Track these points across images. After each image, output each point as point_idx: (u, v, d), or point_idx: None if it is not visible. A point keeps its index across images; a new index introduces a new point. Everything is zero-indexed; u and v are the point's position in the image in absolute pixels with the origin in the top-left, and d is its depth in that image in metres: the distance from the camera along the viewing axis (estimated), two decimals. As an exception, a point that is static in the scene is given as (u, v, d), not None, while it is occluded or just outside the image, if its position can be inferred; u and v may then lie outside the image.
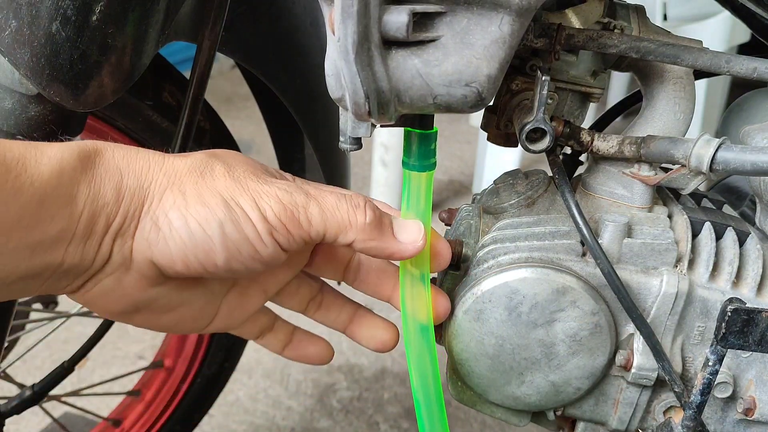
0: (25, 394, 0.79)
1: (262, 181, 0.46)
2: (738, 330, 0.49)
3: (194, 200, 0.44)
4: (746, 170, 0.49)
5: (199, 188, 0.44)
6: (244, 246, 0.44)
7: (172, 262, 0.44)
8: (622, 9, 0.62)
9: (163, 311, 0.48)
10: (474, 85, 0.43)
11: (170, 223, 0.43)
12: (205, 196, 0.44)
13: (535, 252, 0.56)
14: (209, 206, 0.43)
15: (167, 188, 0.44)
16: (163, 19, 0.57)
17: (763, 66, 0.53)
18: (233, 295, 0.52)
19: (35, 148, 0.41)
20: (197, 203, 0.43)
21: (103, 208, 0.42)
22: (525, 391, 0.59)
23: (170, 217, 0.43)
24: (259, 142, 2.63)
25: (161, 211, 0.43)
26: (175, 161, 0.46)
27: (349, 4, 0.39)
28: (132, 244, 0.44)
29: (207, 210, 0.43)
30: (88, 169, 0.42)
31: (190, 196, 0.44)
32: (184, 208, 0.43)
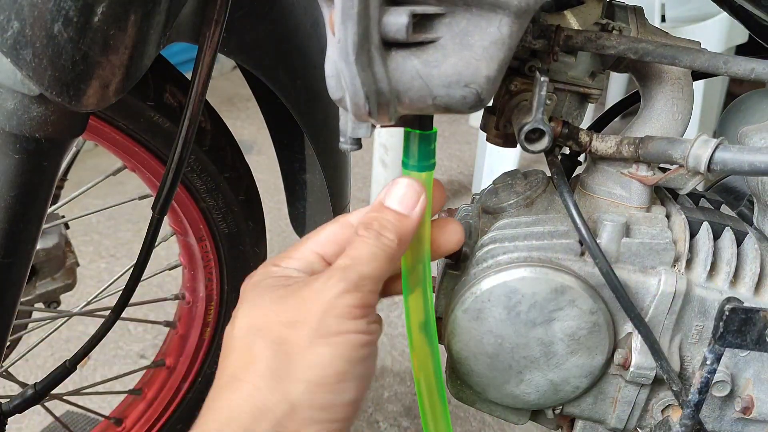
0: (27, 392, 0.80)
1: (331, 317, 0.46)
2: (736, 329, 0.49)
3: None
4: (744, 170, 0.49)
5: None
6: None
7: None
8: (621, 10, 0.63)
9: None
10: (473, 86, 0.43)
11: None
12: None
13: (533, 251, 0.57)
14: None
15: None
16: (165, 21, 0.57)
17: (760, 67, 0.53)
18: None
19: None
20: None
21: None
22: (524, 389, 0.59)
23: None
24: (259, 142, 2.63)
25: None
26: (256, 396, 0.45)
27: (349, 6, 0.39)
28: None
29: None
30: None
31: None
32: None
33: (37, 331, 1.04)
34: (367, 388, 0.47)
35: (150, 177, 0.85)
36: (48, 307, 1.05)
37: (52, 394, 0.89)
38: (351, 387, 0.45)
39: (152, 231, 0.66)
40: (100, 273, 1.86)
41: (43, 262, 1.02)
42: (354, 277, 0.46)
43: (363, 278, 0.46)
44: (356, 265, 0.47)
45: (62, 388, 0.89)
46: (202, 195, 0.85)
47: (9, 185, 0.58)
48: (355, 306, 0.45)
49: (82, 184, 0.94)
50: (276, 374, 0.44)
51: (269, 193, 2.11)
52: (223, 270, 0.94)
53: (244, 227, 0.91)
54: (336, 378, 0.44)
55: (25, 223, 0.61)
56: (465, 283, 0.58)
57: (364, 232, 0.48)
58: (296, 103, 0.77)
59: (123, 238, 2.02)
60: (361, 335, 0.45)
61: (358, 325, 0.45)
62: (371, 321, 0.47)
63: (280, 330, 0.46)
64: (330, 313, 0.45)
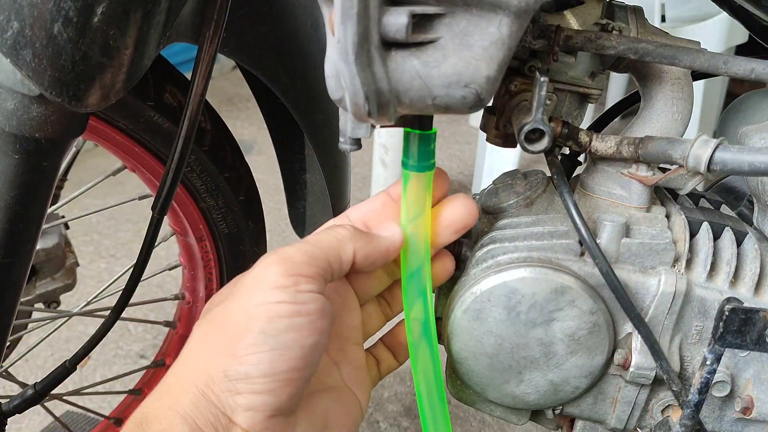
0: (27, 393, 0.80)
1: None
2: (736, 329, 0.49)
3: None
4: (744, 170, 0.49)
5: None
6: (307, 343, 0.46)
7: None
8: (621, 10, 0.63)
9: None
10: (473, 86, 0.43)
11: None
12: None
13: (533, 252, 0.57)
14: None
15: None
16: (165, 21, 0.57)
17: (760, 67, 0.53)
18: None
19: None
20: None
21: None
22: (524, 389, 0.59)
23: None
24: (259, 142, 2.63)
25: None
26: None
27: (348, 6, 0.39)
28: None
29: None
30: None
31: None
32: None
33: (37, 331, 1.04)
34: (298, 362, 0.45)
35: (150, 177, 0.85)
36: (48, 307, 1.05)
37: (52, 394, 0.89)
38: (268, 358, 0.44)
39: (152, 231, 0.66)
40: (100, 273, 1.87)
41: (43, 262, 1.02)
42: (287, 250, 0.47)
43: (296, 250, 0.47)
44: (295, 244, 0.48)
45: (62, 388, 0.89)
46: (202, 195, 0.85)
47: (9, 185, 0.58)
48: (279, 274, 0.45)
49: (82, 184, 0.94)
50: (201, 348, 0.46)
51: (269, 193, 2.12)
52: (223, 270, 0.94)
53: (244, 227, 0.91)
54: (251, 349, 0.44)
55: (25, 223, 0.61)
56: (465, 283, 0.58)
57: (325, 228, 0.51)
58: (296, 103, 0.77)
59: (123, 238, 2.02)
60: (284, 305, 0.45)
61: (281, 294, 0.45)
62: (302, 290, 0.45)
63: (215, 308, 0.48)
64: (255, 284, 0.46)
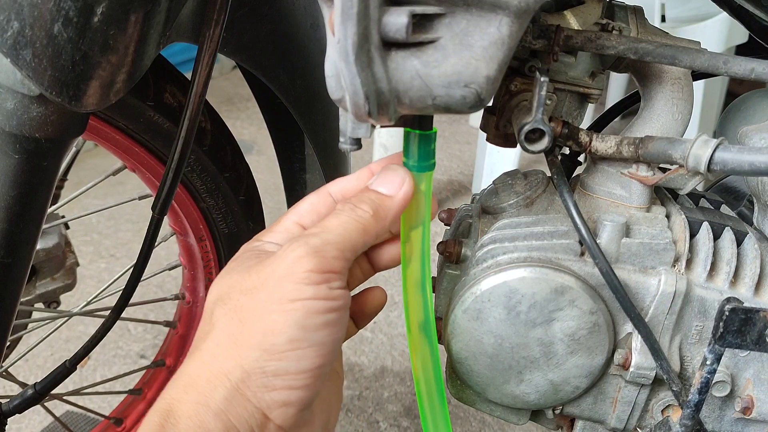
0: (27, 393, 0.80)
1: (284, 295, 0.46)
2: (736, 329, 0.49)
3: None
4: (744, 170, 0.49)
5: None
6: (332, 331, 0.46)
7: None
8: (621, 10, 0.63)
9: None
10: (473, 86, 0.43)
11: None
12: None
13: (533, 252, 0.57)
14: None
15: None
16: (165, 21, 0.57)
17: (760, 67, 0.53)
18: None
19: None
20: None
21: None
22: (524, 389, 0.59)
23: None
24: (259, 142, 2.63)
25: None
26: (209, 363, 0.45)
27: (348, 6, 0.39)
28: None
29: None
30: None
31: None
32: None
33: (37, 331, 1.04)
34: (331, 355, 0.46)
35: (150, 177, 0.85)
36: (48, 307, 1.05)
37: (52, 394, 0.89)
38: (307, 354, 0.44)
39: (152, 231, 0.66)
40: (100, 273, 1.87)
41: (43, 262, 1.02)
42: (316, 242, 0.46)
43: (325, 243, 0.46)
44: (321, 233, 0.47)
45: (62, 388, 0.89)
46: (202, 195, 0.85)
47: (9, 185, 0.58)
48: (312, 270, 0.45)
49: (82, 184, 0.94)
50: (231, 341, 0.45)
51: (269, 193, 2.12)
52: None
53: (244, 227, 0.91)
54: (289, 345, 0.44)
55: (25, 223, 0.61)
56: (465, 283, 0.58)
57: (341, 205, 0.49)
58: (296, 103, 0.77)
59: (123, 238, 2.02)
60: (319, 301, 0.44)
61: (316, 290, 0.44)
62: (334, 287, 0.45)
63: (238, 298, 0.46)
64: (287, 279, 0.45)
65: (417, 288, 0.53)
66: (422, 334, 0.54)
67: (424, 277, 0.53)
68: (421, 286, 0.54)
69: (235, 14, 0.67)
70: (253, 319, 0.45)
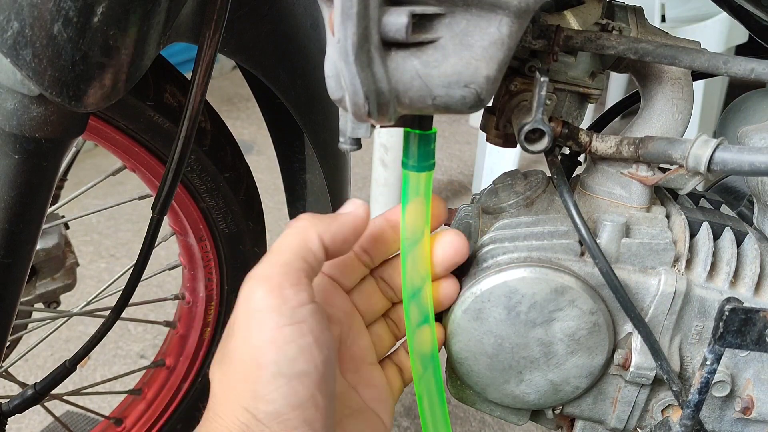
0: (27, 393, 0.80)
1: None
2: (736, 329, 0.49)
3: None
4: (744, 170, 0.49)
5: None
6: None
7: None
8: (621, 10, 0.63)
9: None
10: (473, 86, 0.43)
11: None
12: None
13: (533, 252, 0.57)
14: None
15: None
16: (165, 21, 0.57)
17: (760, 67, 0.53)
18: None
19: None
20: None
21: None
22: (524, 389, 0.59)
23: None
24: (259, 142, 2.63)
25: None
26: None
27: (348, 6, 0.39)
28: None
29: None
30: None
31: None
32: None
33: (37, 331, 1.04)
34: (318, 382, 0.44)
35: (150, 177, 0.85)
36: (48, 307, 1.05)
37: (52, 394, 0.89)
38: (292, 389, 0.43)
39: (152, 231, 0.66)
40: (100, 273, 1.87)
41: (43, 262, 1.02)
42: (257, 271, 0.45)
43: (268, 265, 0.45)
44: (263, 259, 0.46)
45: (62, 388, 0.89)
46: (202, 195, 0.85)
47: (9, 185, 0.58)
48: (266, 297, 0.44)
49: (82, 184, 0.94)
50: (223, 400, 0.45)
51: (269, 193, 2.12)
52: (223, 270, 0.94)
53: (244, 227, 0.91)
54: (270, 386, 0.43)
55: (25, 223, 0.61)
56: (465, 283, 0.58)
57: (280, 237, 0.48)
58: (296, 103, 0.77)
59: (123, 238, 2.02)
60: (284, 328, 0.43)
61: (279, 318, 0.43)
62: (295, 305, 0.44)
63: (222, 356, 0.46)
64: (248, 318, 0.44)
65: (417, 288, 0.54)
66: (424, 336, 0.54)
67: (425, 277, 0.54)
68: (421, 285, 0.54)
69: (235, 14, 0.67)
70: (232, 371, 0.44)
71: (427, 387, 0.54)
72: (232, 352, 0.45)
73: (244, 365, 0.44)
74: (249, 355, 0.43)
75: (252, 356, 0.43)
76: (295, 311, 0.44)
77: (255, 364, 0.43)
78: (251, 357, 0.43)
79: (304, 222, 0.48)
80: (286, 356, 0.43)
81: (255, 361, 0.43)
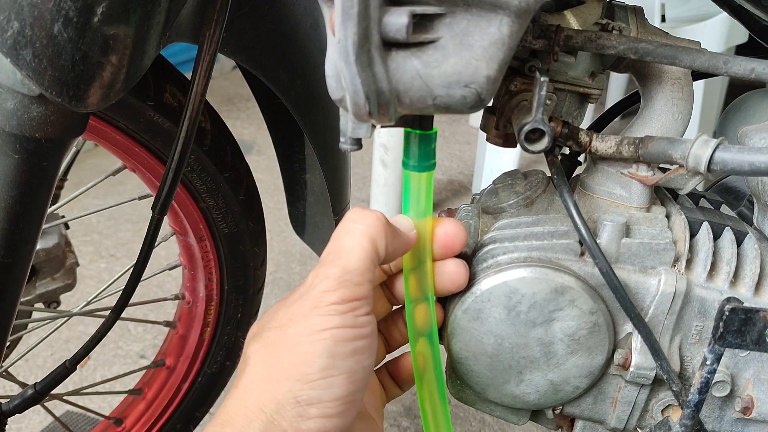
0: (27, 393, 0.80)
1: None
2: (736, 329, 0.49)
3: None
4: (744, 170, 0.49)
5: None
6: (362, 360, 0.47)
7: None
8: (621, 10, 0.63)
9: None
10: (473, 86, 0.43)
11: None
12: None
13: (533, 252, 0.57)
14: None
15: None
16: (165, 21, 0.57)
17: (760, 67, 0.53)
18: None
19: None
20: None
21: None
22: (524, 389, 0.59)
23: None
24: (259, 142, 2.63)
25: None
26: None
27: (349, 6, 0.39)
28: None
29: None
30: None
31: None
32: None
33: (37, 331, 1.04)
34: (362, 382, 0.47)
35: (150, 177, 0.85)
36: (48, 307, 1.05)
37: (52, 394, 0.89)
38: (338, 382, 0.45)
39: (152, 231, 0.66)
40: (100, 273, 1.87)
41: (43, 262, 1.02)
42: (336, 272, 0.47)
43: (345, 272, 0.47)
44: (338, 260, 0.47)
45: (62, 388, 0.89)
46: (202, 195, 0.85)
47: (9, 185, 0.58)
48: (337, 302, 0.46)
49: (82, 184, 0.94)
50: (264, 376, 0.46)
51: (269, 193, 2.12)
52: (223, 270, 0.94)
53: (244, 227, 0.91)
54: (320, 374, 0.45)
55: (25, 223, 0.61)
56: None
57: (350, 223, 0.49)
58: (296, 103, 0.77)
59: (123, 238, 2.02)
60: (346, 329, 0.46)
61: (342, 319, 0.46)
62: (360, 314, 0.47)
63: (269, 335, 0.48)
64: (314, 311, 0.46)
65: (419, 288, 0.54)
66: (424, 335, 0.54)
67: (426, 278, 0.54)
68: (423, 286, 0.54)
69: (235, 14, 0.67)
70: (283, 352, 0.46)
71: (428, 387, 0.55)
72: (285, 336, 0.47)
73: (299, 351, 0.46)
74: (305, 341, 0.46)
75: (307, 343, 0.46)
76: (358, 319, 0.47)
77: (311, 352, 0.45)
78: (306, 344, 0.46)
79: (376, 224, 0.49)
80: (341, 351, 0.46)
81: (311, 351, 0.45)
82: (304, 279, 0.50)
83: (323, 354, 0.45)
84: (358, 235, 0.48)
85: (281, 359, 0.46)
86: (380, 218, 0.49)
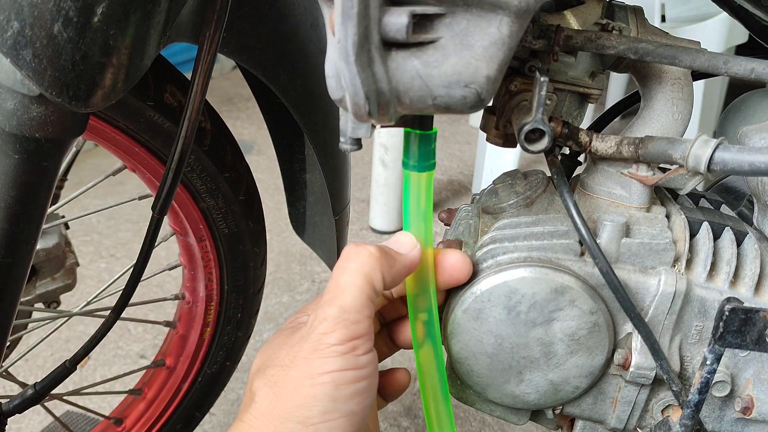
0: (27, 393, 0.80)
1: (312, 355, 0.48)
2: (735, 329, 0.49)
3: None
4: (744, 170, 0.49)
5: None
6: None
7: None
8: (621, 10, 0.63)
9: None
10: (473, 86, 0.43)
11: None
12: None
13: (533, 252, 0.57)
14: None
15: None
16: (165, 21, 0.57)
17: (760, 67, 0.53)
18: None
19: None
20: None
21: None
22: (524, 389, 0.59)
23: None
24: (259, 142, 2.63)
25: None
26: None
27: (349, 6, 0.39)
28: None
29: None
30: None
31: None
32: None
33: (37, 331, 1.04)
34: (361, 423, 0.48)
35: (150, 177, 0.85)
36: (48, 307, 1.05)
37: (52, 394, 0.89)
38: (339, 424, 0.46)
39: (152, 231, 0.66)
40: (100, 273, 1.87)
41: (43, 262, 1.02)
42: (334, 312, 0.47)
43: (343, 311, 0.47)
44: (335, 299, 0.48)
45: (62, 388, 0.89)
46: (202, 195, 0.85)
47: (9, 185, 0.58)
48: (336, 344, 0.47)
49: (82, 184, 0.94)
50: (268, 413, 0.47)
51: (269, 193, 2.12)
52: (223, 270, 0.94)
53: (244, 227, 0.91)
54: (321, 417, 0.46)
55: (25, 223, 0.61)
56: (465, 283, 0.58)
57: (344, 262, 0.49)
58: (296, 103, 0.77)
59: (123, 238, 2.03)
60: (347, 372, 0.47)
61: (344, 362, 0.47)
62: (360, 353, 0.47)
63: (273, 372, 0.49)
64: (315, 354, 0.47)
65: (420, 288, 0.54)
66: (426, 334, 0.54)
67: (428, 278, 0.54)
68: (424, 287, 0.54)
69: (235, 14, 0.67)
70: (286, 393, 0.47)
71: (431, 387, 0.55)
72: (288, 378, 0.48)
73: (301, 394, 0.47)
74: (308, 387, 0.47)
75: (311, 389, 0.46)
76: (358, 359, 0.47)
77: (312, 395, 0.46)
78: (310, 390, 0.46)
79: (369, 260, 0.49)
80: (341, 395, 0.46)
81: (312, 394, 0.46)
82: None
83: (324, 398, 0.46)
84: (352, 275, 0.48)
85: (284, 399, 0.47)
86: (373, 253, 0.49)
